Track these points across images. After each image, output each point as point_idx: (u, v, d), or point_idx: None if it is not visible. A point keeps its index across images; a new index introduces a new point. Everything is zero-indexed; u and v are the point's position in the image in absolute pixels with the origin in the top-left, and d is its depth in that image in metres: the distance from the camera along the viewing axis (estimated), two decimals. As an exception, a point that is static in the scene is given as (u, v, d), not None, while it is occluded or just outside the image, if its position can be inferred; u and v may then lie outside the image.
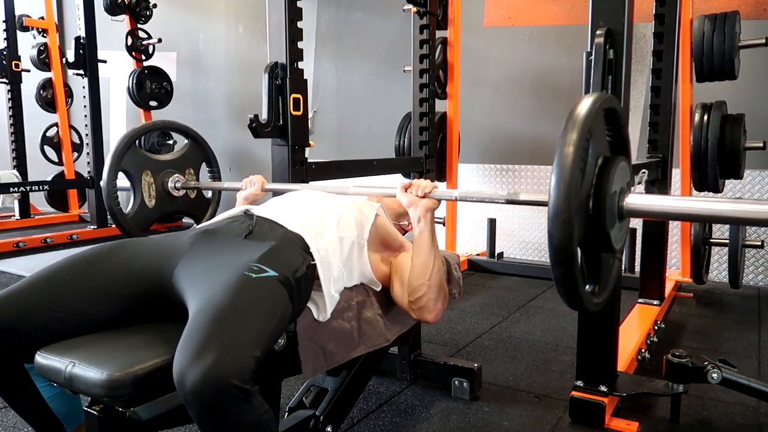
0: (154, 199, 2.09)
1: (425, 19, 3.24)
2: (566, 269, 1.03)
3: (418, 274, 1.44)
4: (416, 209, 1.45)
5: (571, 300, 1.09)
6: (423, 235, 1.45)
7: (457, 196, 1.48)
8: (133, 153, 2.05)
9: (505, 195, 1.36)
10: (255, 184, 1.88)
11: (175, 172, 2.15)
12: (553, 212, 1.00)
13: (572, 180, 1.00)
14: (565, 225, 0.99)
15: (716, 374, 1.76)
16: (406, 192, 1.48)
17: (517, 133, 4.41)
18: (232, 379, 0.93)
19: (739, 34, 2.98)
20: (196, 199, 2.24)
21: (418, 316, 1.48)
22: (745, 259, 3.56)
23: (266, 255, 1.21)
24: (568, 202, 0.99)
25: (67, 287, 1.21)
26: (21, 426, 1.82)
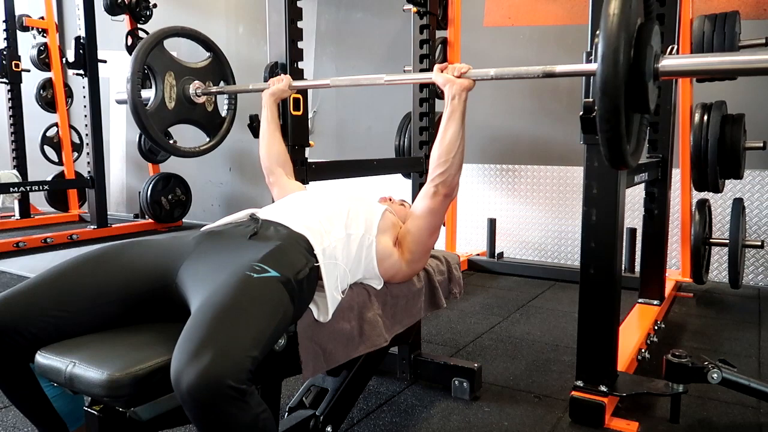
0: (174, 102, 2.08)
1: (425, 19, 3.24)
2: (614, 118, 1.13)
3: (445, 150, 1.49)
4: (452, 87, 1.50)
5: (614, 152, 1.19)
6: (455, 113, 1.50)
7: (493, 74, 1.50)
8: (160, 51, 2.04)
9: (541, 69, 1.40)
10: (283, 80, 1.90)
11: (197, 80, 2.15)
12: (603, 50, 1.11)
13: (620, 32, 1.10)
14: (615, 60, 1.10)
15: (716, 374, 1.76)
16: (442, 73, 1.52)
17: (517, 133, 4.41)
18: (228, 380, 0.93)
19: (739, 34, 2.98)
20: (212, 113, 2.24)
21: (435, 191, 1.51)
22: (745, 259, 3.56)
23: (269, 255, 1.21)
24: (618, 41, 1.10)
25: (72, 287, 1.21)
26: (21, 426, 1.82)
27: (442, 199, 1.52)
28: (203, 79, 2.17)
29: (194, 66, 2.17)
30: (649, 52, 1.19)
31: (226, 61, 2.25)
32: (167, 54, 2.08)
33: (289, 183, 1.86)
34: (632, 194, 3.52)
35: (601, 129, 1.16)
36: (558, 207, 4.20)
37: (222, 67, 2.24)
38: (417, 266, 1.61)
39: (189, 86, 2.12)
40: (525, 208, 4.32)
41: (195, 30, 2.21)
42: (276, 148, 1.89)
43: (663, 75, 1.25)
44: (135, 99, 1.93)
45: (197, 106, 2.16)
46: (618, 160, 1.23)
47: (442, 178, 1.50)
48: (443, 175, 1.50)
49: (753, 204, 3.61)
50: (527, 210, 4.31)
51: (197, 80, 2.14)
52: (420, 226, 1.54)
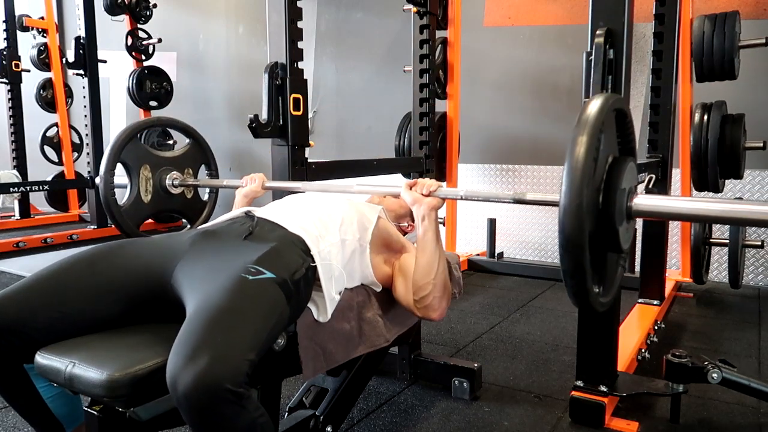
0: (150, 195, 2.08)
1: (425, 19, 3.24)
2: (576, 265, 1.03)
3: (423, 273, 1.44)
4: (420, 207, 1.45)
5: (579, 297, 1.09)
6: (427, 234, 1.45)
7: (462, 195, 1.46)
8: (134, 146, 2.04)
9: (512, 195, 1.36)
10: (255, 181, 1.86)
11: (174, 170, 2.14)
12: (565, 207, 1.01)
13: (584, 177, 1.01)
14: (577, 219, 1.01)
15: (716, 374, 1.76)
16: (411, 190, 1.48)
17: (517, 133, 4.41)
18: (225, 383, 0.92)
19: (739, 34, 2.98)
20: (192, 200, 2.24)
21: (423, 315, 1.48)
22: (745, 259, 3.56)
23: (264, 256, 1.21)
24: (580, 199, 1.01)
25: (67, 287, 1.20)
26: (21, 426, 1.82)
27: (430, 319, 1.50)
28: (182, 167, 2.17)
29: (171, 155, 2.18)
30: (619, 195, 1.11)
31: (207, 146, 2.26)
32: (142, 147, 2.09)
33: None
34: (632, 194, 3.51)
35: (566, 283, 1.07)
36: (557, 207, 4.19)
37: (203, 152, 2.25)
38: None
39: (166, 177, 2.13)
40: (525, 208, 4.32)
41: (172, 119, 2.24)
42: None
43: (637, 215, 1.17)
44: (108, 198, 1.94)
45: (175, 195, 2.17)
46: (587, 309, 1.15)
47: (428, 302, 1.45)
48: (428, 298, 1.44)
49: (753, 204, 3.61)
50: (527, 210, 4.31)
51: (175, 170, 2.14)
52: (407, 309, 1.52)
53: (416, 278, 1.45)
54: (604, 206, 1.10)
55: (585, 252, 1.03)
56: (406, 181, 1.51)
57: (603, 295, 1.17)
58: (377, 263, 1.50)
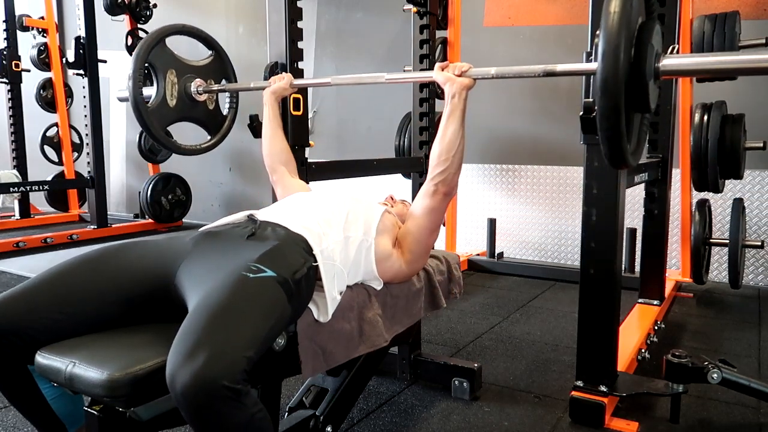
0: (176, 99, 2.07)
1: (425, 19, 3.24)
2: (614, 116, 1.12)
3: (445, 149, 1.49)
4: (453, 86, 1.50)
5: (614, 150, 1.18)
6: (456, 111, 1.49)
7: (493, 73, 1.49)
8: (161, 49, 2.03)
9: (543, 68, 1.39)
10: (283, 78, 1.90)
11: (198, 78, 2.14)
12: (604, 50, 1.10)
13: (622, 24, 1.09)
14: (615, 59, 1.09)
15: (716, 374, 1.76)
16: (443, 71, 1.52)
17: (517, 133, 4.41)
18: (223, 380, 0.93)
19: (739, 34, 2.98)
20: (213, 112, 2.23)
21: (435, 189, 1.51)
22: (745, 259, 3.56)
23: (265, 255, 1.21)
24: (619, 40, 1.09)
25: (70, 289, 1.21)
26: (21, 426, 1.83)
27: (442, 197, 1.52)
28: (205, 78, 2.16)
29: (196, 64, 2.17)
30: (650, 51, 1.18)
31: (228, 60, 2.25)
32: (169, 52, 2.08)
33: (293, 181, 1.86)
34: (632, 194, 3.52)
35: (602, 128, 1.16)
36: (558, 207, 4.20)
37: (224, 65, 2.24)
38: (416, 266, 1.60)
39: (191, 84, 2.12)
40: (525, 208, 4.32)
41: (197, 28, 2.20)
42: (278, 146, 1.89)
43: (664, 74, 1.24)
44: (137, 96, 1.92)
45: (198, 104, 2.16)
46: (618, 159, 1.22)
47: (442, 177, 1.50)
48: (443, 173, 1.50)
49: (753, 204, 3.61)
50: (527, 210, 4.31)
51: (199, 78, 2.14)
52: (420, 225, 1.54)
53: (437, 153, 1.50)
54: (636, 61, 1.17)
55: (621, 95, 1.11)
56: (438, 64, 1.55)
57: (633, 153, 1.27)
58: (384, 246, 1.50)
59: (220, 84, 2.21)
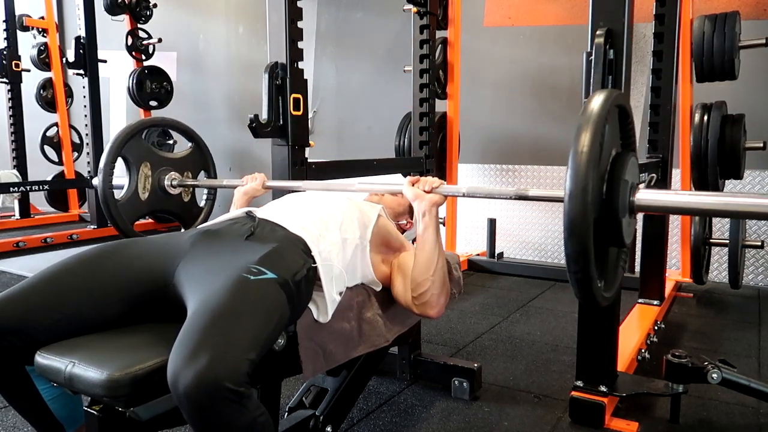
0: (148, 192, 2.06)
1: (425, 19, 3.24)
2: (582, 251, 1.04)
3: (422, 270, 1.44)
4: (422, 203, 1.45)
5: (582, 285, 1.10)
6: (428, 230, 1.45)
7: (465, 192, 1.46)
8: (137, 142, 2.03)
9: (514, 191, 1.35)
10: (256, 179, 1.86)
11: (173, 171, 2.14)
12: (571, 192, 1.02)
13: (590, 163, 1.02)
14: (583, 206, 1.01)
15: (716, 374, 1.76)
16: (413, 187, 1.48)
17: (517, 133, 4.41)
18: (225, 382, 0.93)
19: (739, 34, 2.98)
20: (188, 204, 2.22)
21: (421, 312, 1.48)
22: (745, 259, 3.56)
23: (266, 257, 1.21)
24: (586, 183, 1.01)
25: (68, 288, 1.20)
26: (21, 426, 1.83)
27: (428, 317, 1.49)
28: (182, 170, 2.15)
29: (173, 156, 2.17)
30: (623, 186, 1.12)
31: (208, 151, 2.25)
32: (144, 144, 2.08)
33: None
34: (632, 194, 3.51)
35: (570, 269, 1.08)
36: (558, 207, 4.19)
37: (203, 156, 2.24)
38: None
39: (165, 177, 2.11)
40: (525, 208, 4.32)
41: (176, 121, 2.21)
42: None
43: (639, 210, 1.18)
44: (105, 191, 1.92)
45: (173, 197, 2.15)
46: (590, 300, 1.14)
47: (426, 298, 1.44)
48: (426, 294, 1.44)
49: (753, 204, 3.61)
50: (527, 210, 4.31)
51: (174, 171, 2.13)
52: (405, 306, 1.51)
53: (415, 274, 1.45)
54: (608, 197, 1.11)
55: (589, 237, 1.03)
56: (408, 178, 1.51)
57: (605, 290, 1.18)
58: (377, 262, 1.50)
59: (196, 178, 2.21)
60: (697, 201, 1.17)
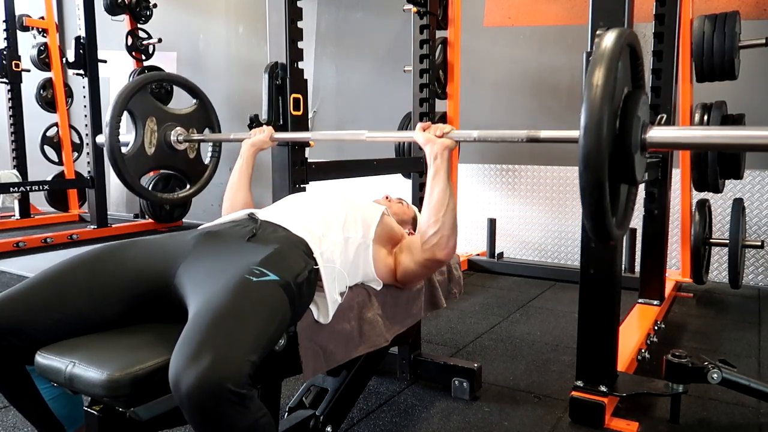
0: (154, 148, 2.04)
1: (425, 19, 3.24)
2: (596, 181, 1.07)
3: (433, 211, 1.44)
4: (434, 147, 1.47)
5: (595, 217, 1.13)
6: (439, 172, 1.45)
7: (475, 136, 1.47)
8: (143, 96, 2.01)
9: (525, 133, 1.36)
10: (264, 131, 1.86)
11: (179, 126, 2.11)
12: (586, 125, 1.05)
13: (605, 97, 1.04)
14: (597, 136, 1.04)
15: (716, 374, 1.76)
16: (424, 132, 1.49)
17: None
18: (228, 383, 0.93)
19: (739, 34, 2.98)
20: (194, 161, 2.20)
21: (431, 256, 1.45)
22: (745, 259, 3.56)
23: (268, 258, 1.21)
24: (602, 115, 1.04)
25: (69, 288, 1.20)
26: (21, 426, 1.83)
27: (437, 263, 1.48)
28: (186, 126, 2.13)
29: (178, 112, 2.15)
30: (635, 123, 1.14)
31: (212, 108, 2.23)
32: (150, 99, 2.05)
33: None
34: (632, 194, 3.52)
35: (584, 203, 1.11)
36: (558, 207, 4.20)
37: (207, 114, 2.21)
38: (410, 287, 1.62)
39: (171, 132, 2.09)
40: (525, 208, 4.32)
41: (181, 77, 2.19)
42: (242, 198, 1.82)
43: (651, 147, 1.20)
44: (113, 144, 1.89)
45: (178, 152, 2.13)
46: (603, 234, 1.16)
47: (436, 239, 1.43)
48: (437, 235, 1.43)
49: (753, 204, 3.61)
50: (527, 210, 4.31)
51: (180, 127, 2.11)
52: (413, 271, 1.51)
53: (426, 216, 1.45)
54: (621, 133, 1.13)
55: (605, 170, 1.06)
56: (420, 124, 1.52)
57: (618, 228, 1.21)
58: (381, 256, 1.50)
59: (202, 133, 2.18)
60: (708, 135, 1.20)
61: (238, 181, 1.85)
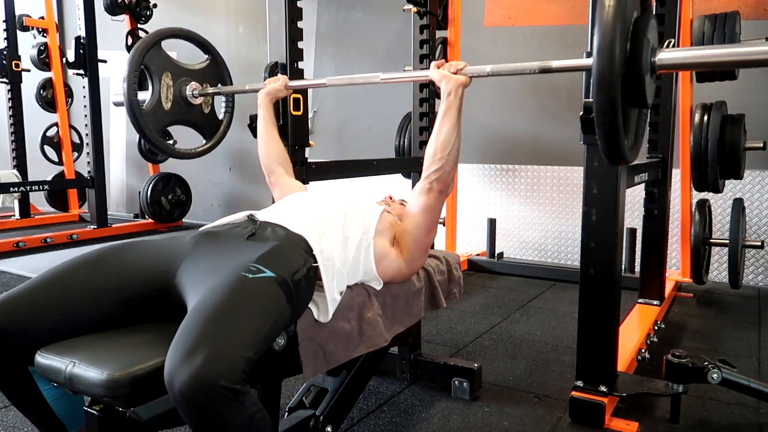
0: (170, 102, 2.06)
1: (425, 19, 3.24)
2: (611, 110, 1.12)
3: (442, 146, 1.48)
4: (449, 83, 1.48)
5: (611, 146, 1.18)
6: (451, 109, 1.48)
7: (489, 71, 1.48)
8: (157, 51, 2.03)
9: (538, 65, 1.39)
10: (278, 80, 1.89)
11: (193, 81, 2.14)
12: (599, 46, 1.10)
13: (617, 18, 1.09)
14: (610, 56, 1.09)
15: (716, 374, 1.76)
16: (439, 69, 1.51)
17: (517, 133, 4.41)
18: (221, 380, 0.93)
19: (739, 34, 2.98)
20: (208, 115, 2.23)
21: (428, 187, 1.50)
22: (745, 259, 3.56)
23: (265, 255, 1.21)
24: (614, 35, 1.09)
25: (70, 290, 1.21)
26: (21, 425, 1.83)
27: (437, 195, 1.51)
28: (200, 81, 2.15)
29: (192, 68, 2.16)
30: (645, 45, 1.18)
31: (224, 64, 2.25)
32: (165, 55, 2.07)
33: (290, 182, 1.86)
34: (632, 194, 3.52)
35: (598, 123, 1.16)
36: (558, 207, 4.20)
37: (219, 69, 2.23)
38: (416, 265, 1.60)
39: (186, 87, 2.11)
40: (525, 208, 4.32)
41: (193, 32, 2.20)
42: (275, 148, 1.88)
43: (660, 68, 1.23)
44: (131, 99, 1.92)
45: (194, 107, 2.15)
46: (616, 154, 1.22)
47: (438, 175, 1.49)
48: (439, 171, 1.49)
49: (753, 204, 3.61)
50: (527, 210, 4.31)
51: (194, 81, 2.13)
52: (417, 224, 1.53)
53: (432, 151, 1.49)
54: (632, 55, 1.16)
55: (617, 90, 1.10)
56: (434, 62, 1.54)
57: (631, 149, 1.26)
58: (383, 247, 1.50)
59: (216, 87, 2.20)
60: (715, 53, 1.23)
61: (266, 133, 1.90)
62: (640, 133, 1.39)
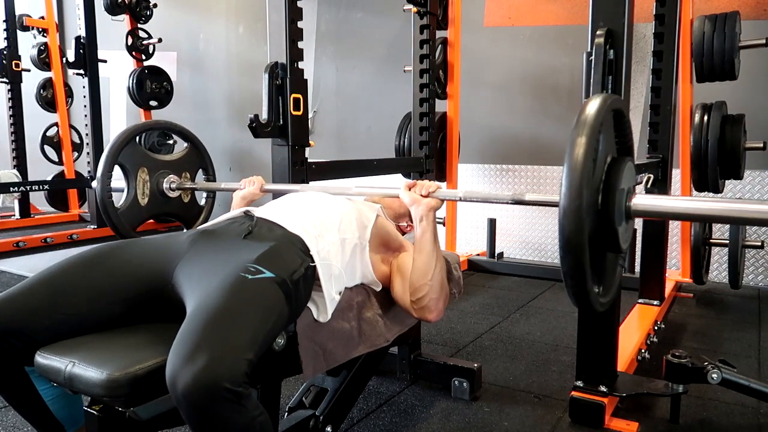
0: (147, 198, 2.07)
1: (425, 19, 3.24)
2: (576, 265, 1.03)
3: (421, 274, 1.44)
4: (419, 208, 1.45)
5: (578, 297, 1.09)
6: (425, 234, 1.45)
7: (461, 196, 1.46)
8: (132, 148, 2.03)
9: (511, 195, 1.36)
10: (254, 183, 1.87)
11: (171, 173, 2.14)
12: (564, 208, 1.02)
13: (584, 177, 1.02)
14: (577, 220, 1.01)
15: (716, 374, 1.76)
16: (410, 191, 1.48)
17: (517, 133, 4.41)
18: (224, 382, 0.93)
19: (739, 34, 2.98)
20: (188, 204, 2.23)
21: (420, 316, 1.48)
22: (745, 260, 3.56)
23: (263, 256, 1.21)
24: (580, 199, 1.01)
25: (67, 289, 1.20)
26: (21, 426, 1.83)
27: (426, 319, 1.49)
28: (179, 171, 2.16)
29: (169, 159, 2.17)
30: (618, 195, 1.11)
31: (205, 151, 2.26)
32: (140, 150, 2.09)
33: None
34: (632, 194, 3.52)
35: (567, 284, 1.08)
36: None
37: (201, 157, 2.24)
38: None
39: (163, 180, 2.12)
40: (525, 208, 4.32)
41: (170, 122, 2.22)
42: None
43: (636, 215, 1.17)
44: (105, 200, 1.93)
45: (172, 199, 2.16)
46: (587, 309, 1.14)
47: (425, 303, 1.44)
48: (425, 299, 1.44)
49: (753, 204, 3.61)
50: (527, 210, 4.31)
51: (172, 174, 2.14)
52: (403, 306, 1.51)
53: (413, 279, 1.45)
54: (604, 206, 1.10)
55: (585, 253, 1.03)
56: (405, 182, 1.51)
57: (603, 295, 1.17)
58: (376, 262, 1.50)
59: (194, 179, 2.22)
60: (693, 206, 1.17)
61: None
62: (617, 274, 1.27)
